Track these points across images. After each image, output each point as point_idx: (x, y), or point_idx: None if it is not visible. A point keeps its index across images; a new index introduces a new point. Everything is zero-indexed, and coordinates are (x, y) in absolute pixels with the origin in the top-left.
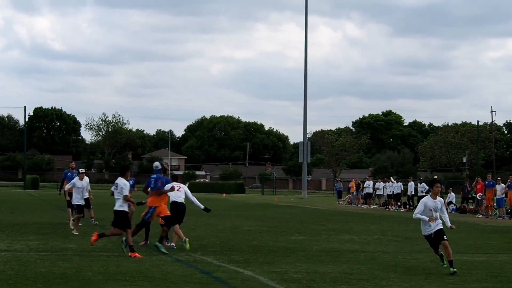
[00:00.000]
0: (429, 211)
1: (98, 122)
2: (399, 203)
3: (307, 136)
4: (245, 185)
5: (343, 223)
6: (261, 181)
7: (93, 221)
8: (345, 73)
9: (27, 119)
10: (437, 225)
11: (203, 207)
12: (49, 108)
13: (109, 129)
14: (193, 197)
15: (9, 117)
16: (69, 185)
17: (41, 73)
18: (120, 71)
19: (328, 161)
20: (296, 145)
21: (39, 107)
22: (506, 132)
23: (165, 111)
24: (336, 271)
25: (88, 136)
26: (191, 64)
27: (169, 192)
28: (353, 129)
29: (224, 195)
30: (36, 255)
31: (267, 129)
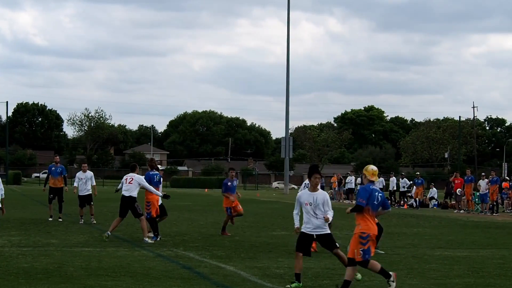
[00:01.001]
0: (305, 206)
1: (80, 117)
2: None
3: (289, 131)
4: None
5: None
6: (244, 176)
7: (92, 219)
8: (327, 68)
9: (9, 114)
10: (321, 227)
11: (161, 194)
12: (31, 103)
13: (92, 124)
14: (149, 186)
15: None
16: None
17: (23, 68)
18: (102, 66)
19: (310, 157)
20: (278, 140)
21: (25, 102)
22: (487, 127)
23: (147, 106)
24: (318, 266)
25: (70, 131)
26: (173, 60)
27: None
28: (335, 124)
29: (207, 190)
30: (18, 250)
31: (249, 124)
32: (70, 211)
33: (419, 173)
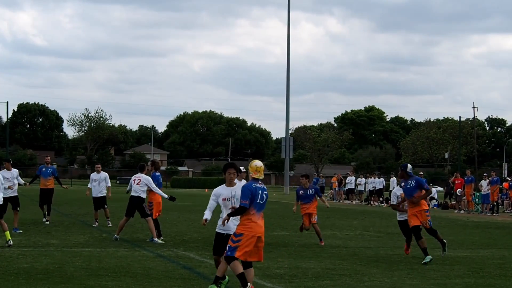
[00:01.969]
0: (222, 202)
1: (80, 117)
2: (381, 199)
3: (289, 131)
4: None
5: (325, 218)
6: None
7: (108, 222)
8: (327, 69)
9: (10, 115)
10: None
11: (167, 196)
12: (32, 103)
13: (92, 124)
14: (155, 187)
15: None
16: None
17: (23, 69)
18: (101, 66)
19: (310, 157)
20: (279, 140)
21: (26, 103)
22: (487, 128)
23: (147, 106)
24: (319, 266)
25: (70, 131)
26: (172, 60)
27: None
28: (335, 124)
29: (207, 190)
30: (18, 250)
31: (249, 124)
32: (70, 211)
33: (422, 173)
